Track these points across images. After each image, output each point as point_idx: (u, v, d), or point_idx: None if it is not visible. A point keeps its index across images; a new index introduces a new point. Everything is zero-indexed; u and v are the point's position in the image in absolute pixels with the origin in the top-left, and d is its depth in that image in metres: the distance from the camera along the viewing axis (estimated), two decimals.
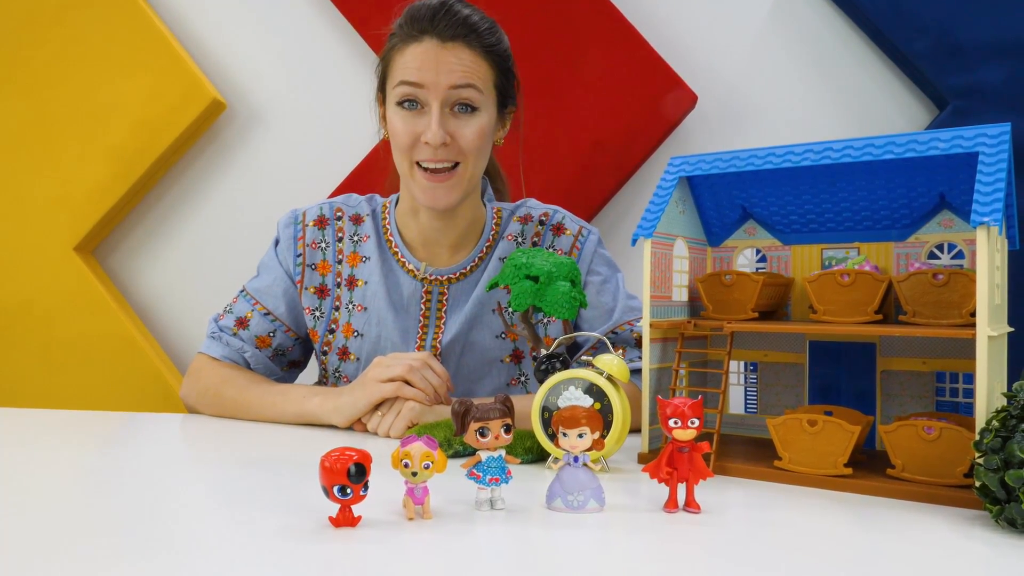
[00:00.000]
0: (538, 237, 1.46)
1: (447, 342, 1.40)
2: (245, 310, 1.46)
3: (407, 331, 1.42)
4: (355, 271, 1.44)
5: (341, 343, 1.44)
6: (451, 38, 1.29)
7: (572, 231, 1.46)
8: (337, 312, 1.44)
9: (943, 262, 1.04)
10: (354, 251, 1.45)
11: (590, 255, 1.45)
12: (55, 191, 2.19)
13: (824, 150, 1.01)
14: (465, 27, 1.30)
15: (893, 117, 1.96)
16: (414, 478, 0.75)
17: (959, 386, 1.04)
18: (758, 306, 1.06)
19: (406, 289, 1.43)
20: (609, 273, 1.45)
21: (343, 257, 1.45)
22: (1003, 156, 0.90)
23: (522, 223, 1.46)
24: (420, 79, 1.29)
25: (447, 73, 1.29)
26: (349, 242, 1.45)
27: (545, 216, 1.47)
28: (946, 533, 0.75)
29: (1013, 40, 1.83)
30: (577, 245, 1.45)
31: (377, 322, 1.42)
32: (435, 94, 1.29)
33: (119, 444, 1.21)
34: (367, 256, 1.44)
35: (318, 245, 1.45)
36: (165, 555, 0.66)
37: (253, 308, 1.45)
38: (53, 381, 2.20)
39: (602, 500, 0.81)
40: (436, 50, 1.29)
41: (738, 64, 2.03)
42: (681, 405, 0.78)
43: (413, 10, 1.32)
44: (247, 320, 1.45)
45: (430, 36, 1.29)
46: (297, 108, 2.20)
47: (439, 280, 1.42)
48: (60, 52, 2.18)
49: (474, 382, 1.43)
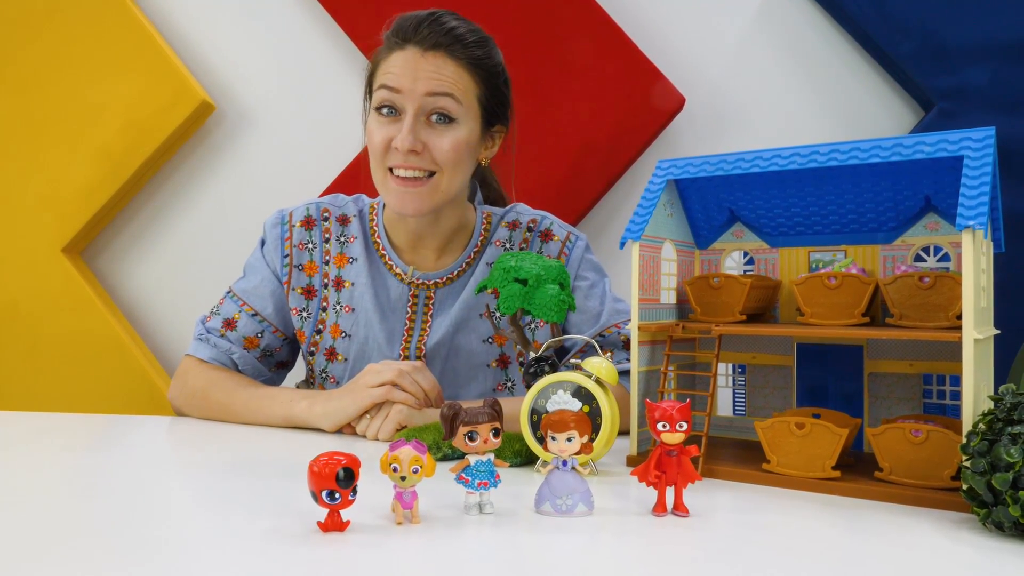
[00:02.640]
0: (526, 243, 1.46)
1: (432, 345, 1.40)
2: (232, 311, 1.45)
3: (393, 333, 1.42)
4: (342, 272, 1.44)
5: (328, 344, 1.44)
6: (432, 47, 1.30)
7: (560, 237, 1.46)
8: (324, 313, 1.44)
9: (929, 265, 1.05)
10: (341, 252, 1.45)
11: (577, 261, 1.45)
12: (43, 192, 2.18)
13: (810, 153, 1.01)
14: (449, 37, 1.31)
15: (879, 119, 1.97)
16: (403, 482, 0.75)
17: (946, 388, 1.04)
18: (746, 309, 1.06)
19: (393, 292, 1.43)
20: (596, 278, 1.46)
21: (330, 258, 1.45)
22: (988, 160, 0.90)
23: (510, 229, 1.46)
24: (397, 84, 1.30)
25: (424, 80, 1.29)
26: (336, 243, 1.45)
27: (533, 222, 1.47)
28: (933, 536, 0.76)
29: (998, 42, 1.84)
30: (565, 251, 1.45)
31: (364, 323, 1.42)
32: (411, 100, 1.30)
33: (106, 447, 1.21)
34: (354, 257, 1.44)
35: (305, 246, 1.45)
36: (152, 559, 0.65)
37: (240, 309, 1.45)
38: (40, 383, 2.19)
39: (591, 504, 0.81)
40: (416, 58, 1.30)
41: (725, 66, 2.04)
42: (669, 408, 0.79)
43: (401, 19, 1.34)
44: (235, 321, 1.44)
45: (412, 44, 1.30)
46: (286, 110, 2.19)
47: (426, 284, 1.43)
48: (49, 53, 2.17)
49: (460, 387, 1.43)
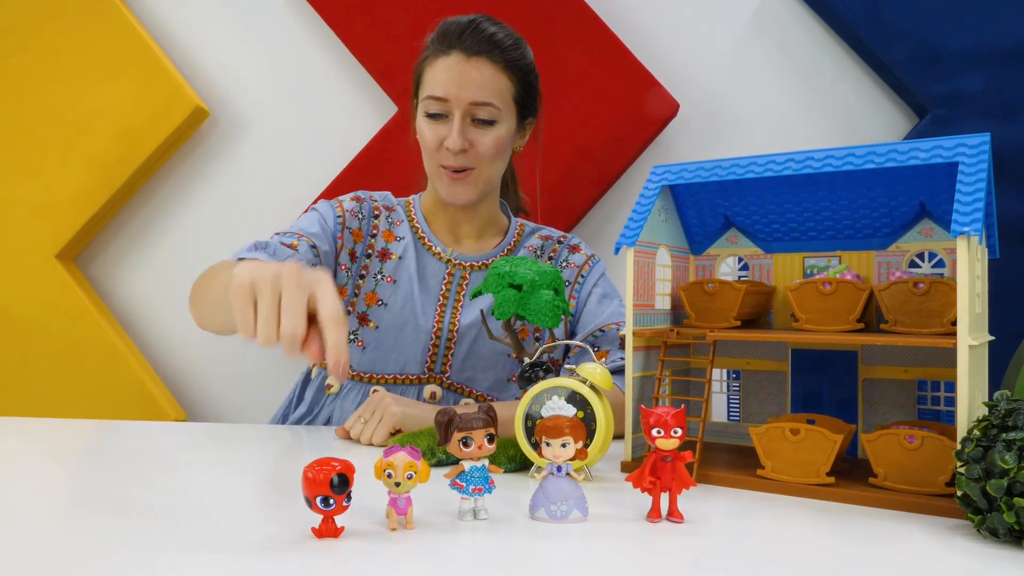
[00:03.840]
0: (554, 252, 1.58)
1: (465, 324, 1.48)
2: (290, 240, 1.40)
3: (428, 308, 1.49)
4: (389, 246, 1.53)
5: (362, 309, 1.50)
6: (475, 53, 1.41)
7: (586, 252, 1.59)
8: (362, 280, 1.51)
9: (924, 271, 1.05)
10: (389, 229, 1.55)
11: (597, 275, 1.56)
12: (37, 198, 2.17)
13: (805, 159, 1.01)
14: (490, 44, 1.42)
15: (873, 125, 1.98)
16: (397, 488, 0.75)
17: (940, 394, 1.04)
18: (740, 314, 1.06)
19: (431, 269, 1.52)
20: (611, 292, 1.54)
21: (377, 232, 1.54)
22: (983, 166, 0.90)
23: (543, 240, 1.59)
24: (444, 94, 1.42)
25: (468, 89, 1.41)
26: (384, 220, 1.55)
27: (564, 238, 1.61)
28: (928, 543, 0.76)
29: (992, 48, 1.85)
30: (589, 264, 1.57)
31: (403, 295, 1.49)
32: (457, 106, 1.42)
33: (99, 452, 1.20)
34: (401, 236, 1.54)
35: (356, 214, 1.53)
36: (145, 565, 0.65)
37: (299, 239, 1.41)
38: (33, 388, 2.18)
39: (585, 510, 0.81)
40: (461, 64, 1.41)
41: (720, 72, 2.04)
42: (664, 414, 0.78)
43: (445, 26, 1.45)
44: (294, 245, 1.39)
45: (457, 51, 1.42)
46: (280, 116, 2.19)
47: (462, 265, 1.53)
48: (42, 58, 2.17)
49: (479, 371, 1.50)
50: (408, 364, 1.47)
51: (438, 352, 1.48)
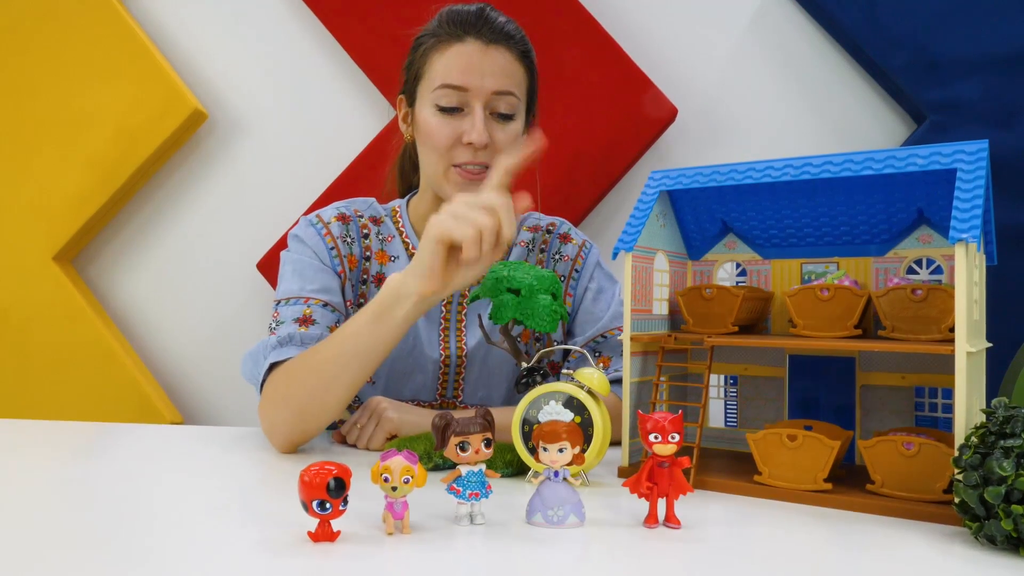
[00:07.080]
0: (545, 244, 1.48)
1: (472, 347, 1.38)
2: (298, 312, 1.27)
3: (431, 336, 1.39)
4: (384, 269, 1.39)
5: None
6: (493, 41, 1.30)
7: (577, 241, 1.49)
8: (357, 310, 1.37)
9: (922, 277, 1.05)
10: (381, 249, 1.40)
11: (592, 266, 1.48)
12: (34, 200, 2.17)
13: (803, 165, 1.01)
14: (504, 33, 1.31)
15: (871, 131, 1.98)
16: (394, 492, 0.74)
17: (938, 401, 1.04)
18: (738, 320, 1.06)
19: None
20: (608, 284, 1.47)
21: (371, 254, 1.39)
22: (981, 173, 0.90)
23: (532, 232, 1.49)
24: (464, 82, 1.28)
25: (491, 77, 1.29)
26: (376, 239, 1.40)
27: (552, 226, 1.51)
28: (925, 550, 0.75)
29: (990, 55, 1.85)
30: (581, 255, 1.48)
31: None
32: (478, 97, 1.29)
33: (96, 455, 1.20)
34: (395, 255, 1.40)
35: (344, 239, 1.37)
36: (141, 569, 0.65)
37: (307, 305, 1.28)
38: (30, 390, 2.18)
39: (582, 515, 0.81)
40: (480, 52, 1.29)
41: (718, 78, 2.04)
42: (661, 420, 0.78)
43: (453, 12, 1.32)
44: (308, 317, 1.27)
45: (473, 37, 1.29)
46: (278, 118, 2.19)
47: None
48: (41, 60, 2.17)
49: (493, 388, 1.42)
50: (420, 393, 1.39)
51: (448, 379, 1.39)
